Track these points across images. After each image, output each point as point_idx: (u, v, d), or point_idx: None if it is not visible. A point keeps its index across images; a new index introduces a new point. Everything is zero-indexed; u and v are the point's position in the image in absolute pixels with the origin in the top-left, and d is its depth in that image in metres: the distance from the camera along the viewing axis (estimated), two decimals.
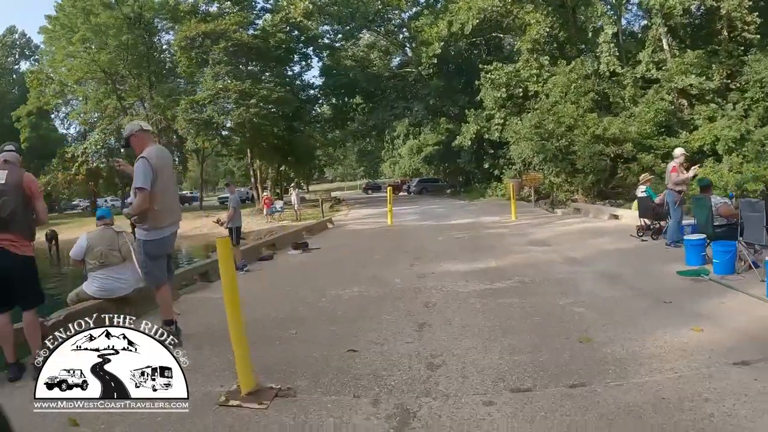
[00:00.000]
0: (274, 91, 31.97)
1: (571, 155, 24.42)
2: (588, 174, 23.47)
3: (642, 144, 24.11)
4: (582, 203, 22.56)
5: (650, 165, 22.75)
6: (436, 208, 27.09)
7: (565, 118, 24.71)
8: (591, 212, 16.75)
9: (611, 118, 24.47)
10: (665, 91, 24.85)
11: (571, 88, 25.98)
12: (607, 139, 23.90)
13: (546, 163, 24.66)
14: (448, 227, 16.36)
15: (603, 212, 15.82)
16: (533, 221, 16.58)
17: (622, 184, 24.16)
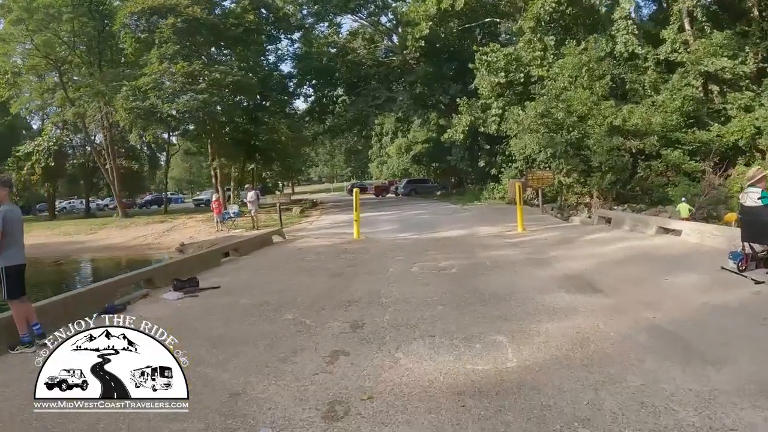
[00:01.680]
0: (229, 74, 28.60)
1: (584, 150, 21.95)
2: (605, 173, 21.00)
3: (667, 138, 21.85)
4: (603, 209, 19.75)
5: (679, 163, 20.71)
6: (422, 214, 24.31)
7: (577, 106, 22.39)
8: (625, 223, 13.66)
9: (632, 106, 22.01)
10: (692, 75, 22.22)
11: (583, 71, 23.11)
12: (627, 131, 21.61)
13: (554, 160, 22.05)
14: (432, 245, 12.97)
15: (644, 223, 12.77)
16: (548, 235, 13.60)
17: (642, 185, 21.99)
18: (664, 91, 23.08)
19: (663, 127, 21.70)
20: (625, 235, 12.49)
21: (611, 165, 21.01)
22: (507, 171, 26.30)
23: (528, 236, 13.71)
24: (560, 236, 13.16)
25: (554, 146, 21.73)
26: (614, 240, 11.71)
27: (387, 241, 14.77)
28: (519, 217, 15.04)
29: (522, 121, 23.18)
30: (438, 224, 18.68)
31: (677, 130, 21.75)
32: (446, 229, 16.85)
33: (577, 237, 12.88)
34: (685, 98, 22.06)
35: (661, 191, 20.99)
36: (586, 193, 22.17)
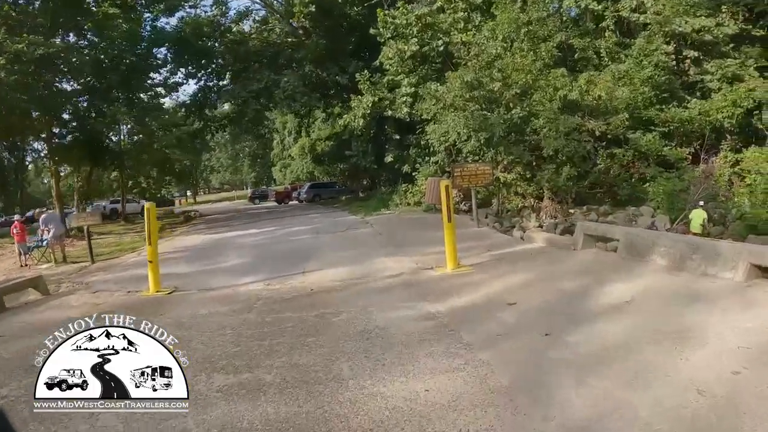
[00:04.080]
0: (39, 45, 21.33)
1: (531, 134, 17.75)
2: (562, 164, 16.84)
3: (635, 117, 18.27)
4: (554, 212, 15.23)
5: (653, 149, 17.56)
6: (306, 231, 18.97)
7: (517, 76, 17.95)
8: (653, 252, 8.86)
9: (592, 73, 18.66)
10: (661, 38, 18.81)
11: (521, 33, 19.11)
12: (587, 108, 17.74)
13: (489, 149, 17.43)
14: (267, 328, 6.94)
15: (708, 256, 7.78)
16: (515, 281, 8.65)
17: (602, 181, 18.11)
18: (627, 58, 19.64)
19: (630, 103, 17.99)
20: (692, 285, 7.29)
21: (570, 153, 16.70)
22: (423, 167, 21.12)
23: (473, 288, 8.21)
24: (545, 290, 7.78)
25: (489, 129, 16.78)
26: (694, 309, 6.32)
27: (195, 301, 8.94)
28: (448, 243, 9.65)
29: (442, 97, 18.17)
30: (317, 253, 13.34)
31: (650, 106, 18.30)
32: (325, 265, 11.39)
33: (586, 294, 7.36)
34: (657, 66, 18.68)
35: (629, 187, 17.59)
36: (534, 193, 17.63)
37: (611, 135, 17.62)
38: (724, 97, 18.07)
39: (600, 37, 20.40)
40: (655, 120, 18.09)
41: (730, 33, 19.27)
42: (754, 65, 18.81)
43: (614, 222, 16.81)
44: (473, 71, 18.35)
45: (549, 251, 10.83)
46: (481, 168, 16.14)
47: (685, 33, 19.14)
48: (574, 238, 10.84)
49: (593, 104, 17.85)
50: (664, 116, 18.10)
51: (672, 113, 18.14)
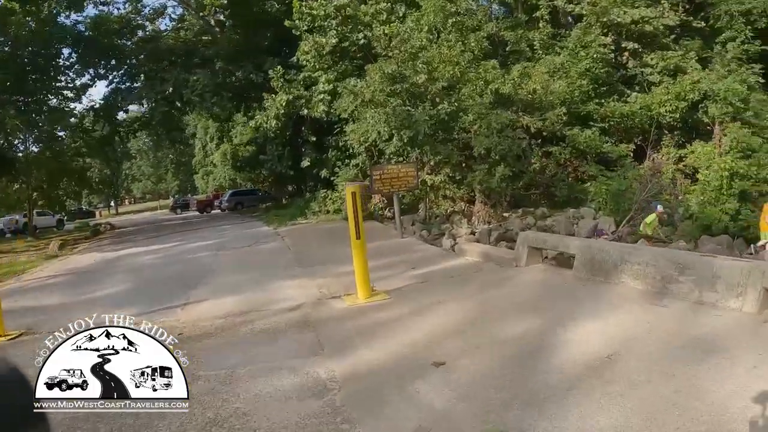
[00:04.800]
0: None
1: (460, 132, 16.44)
2: (495, 164, 15.53)
3: (575, 112, 17.44)
4: (487, 217, 13.67)
5: (593, 147, 16.66)
6: (208, 246, 16.83)
7: (444, 69, 16.78)
8: (623, 270, 7.20)
9: (527, 64, 17.89)
10: (599, 29, 18.13)
11: (448, 24, 18.29)
12: (521, 103, 16.73)
13: (414, 149, 16.24)
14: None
15: (706, 279, 6.04)
16: (444, 323, 6.42)
17: (539, 181, 17.18)
18: (563, 50, 19.01)
19: (567, 97, 17.19)
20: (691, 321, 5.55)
21: (503, 152, 15.39)
22: (343, 171, 19.34)
23: (387, 331, 6.18)
24: (485, 336, 5.62)
25: (413, 127, 15.20)
26: None
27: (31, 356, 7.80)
28: (358, 266, 7.71)
29: (361, 92, 16.43)
30: (211, 276, 11.29)
31: (588, 101, 17.50)
32: (213, 293, 9.41)
33: (543, 344, 5.13)
34: (595, 58, 17.91)
35: (567, 187, 16.65)
36: (465, 196, 16.34)
37: (547, 131, 16.61)
38: (666, 90, 17.46)
39: (534, 29, 19.47)
40: (593, 115, 17.34)
41: (671, 25, 18.81)
42: (696, 57, 18.27)
43: (553, 226, 15.62)
44: (396, 63, 16.79)
45: (486, 268, 9.10)
46: (403, 170, 14.49)
47: (623, 24, 18.52)
48: (517, 252, 9.05)
49: (528, 98, 16.87)
50: (604, 111, 17.37)
51: (612, 108, 17.44)
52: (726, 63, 18.05)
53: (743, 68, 17.84)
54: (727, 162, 14.74)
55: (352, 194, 7.62)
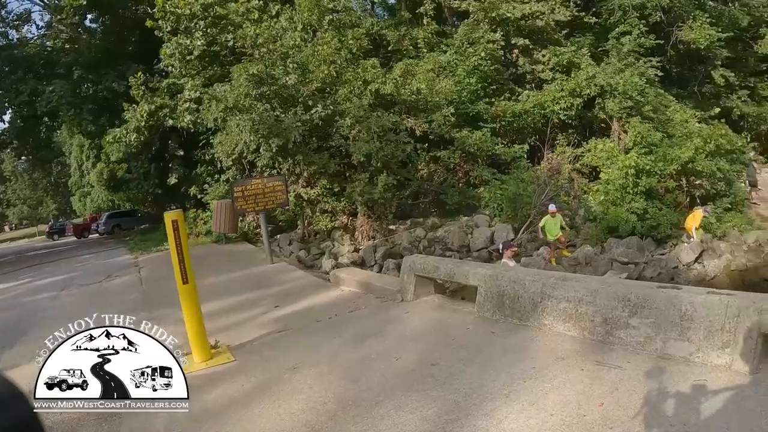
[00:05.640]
0: None
1: (337, 138, 15.15)
2: (377, 172, 14.62)
3: (463, 113, 16.86)
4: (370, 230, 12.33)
5: (484, 149, 15.95)
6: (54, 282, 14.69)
7: (319, 67, 15.81)
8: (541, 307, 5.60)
9: (410, 62, 17.21)
10: (487, 25, 17.94)
11: (325, 22, 17.49)
12: (404, 104, 15.88)
13: (287, 159, 14.98)
14: None
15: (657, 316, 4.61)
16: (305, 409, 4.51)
17: (427, 188, 16.43)
18: (449, 48, 18.46)
19: (455, 97, 16.55)
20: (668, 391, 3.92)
21: (385, 158, 14.38)
22: (213, 188, 17.62)
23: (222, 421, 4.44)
24: None
25: (283, 134, 13.70)
26: None
27: None
28: (188, 319, 5.85)
29: (225, 98, 14.77)
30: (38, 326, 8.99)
31: (477, 100, 17.00)
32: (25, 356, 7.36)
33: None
34: (483, 56, 17.34)
35: (458, 194, 15.86)
36: (346, 209, 15.26)
37: (435, 134, 15.91)
38: (560, 86, 17.13)
39: (418, 27, 18.50)
40: (484, 115, 16.75)
41: (562, 20, 18.57)
42: (589, 53, 18.13)
43: (445, 237, 14.69)
44: (263, 63, 15.36)
45: (364, 305, 7.54)
46: (270, 184, 12.96)
47: (513, 19, 18.07)
48: (402, 282, 7.48)
49: (412, 99, 16.04)
50: (494, 110, 16.81)
51: (503, 107, 16.92)
52: (623, 57, 18.02)
53: (641, 61, 17.87)
54: (632, 158, 14.41)
55: (172, 223, 5.88)
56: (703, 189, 15.52)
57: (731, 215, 15.01)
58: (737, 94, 21.31)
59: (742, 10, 22.05)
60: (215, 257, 14.24)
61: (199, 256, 15.11)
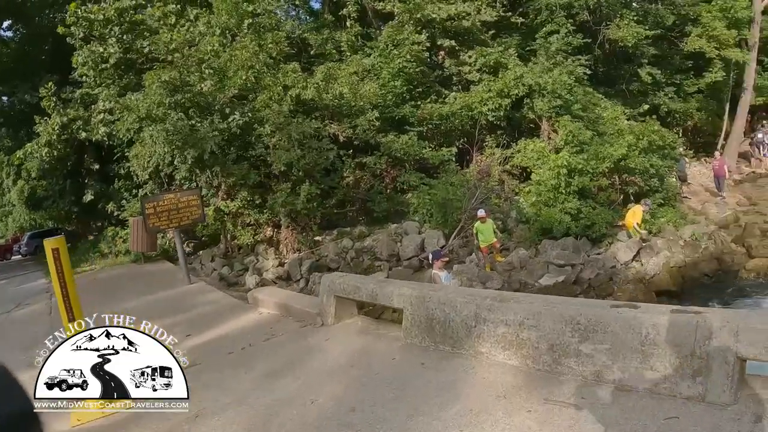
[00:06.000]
0: None
1: (257, 147, 14.83)
2: (299, 181, 14.25)
3: (389, 117, 16.67)
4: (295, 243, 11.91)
5: (411, 153, 15.80)
6: None
7: (237, 72, 15.31)
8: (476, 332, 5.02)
9: (332, 65, 16.84)
10: (412, 26, 17.84)
11: (245, 26, 17.07)
12: (327, 109, 15.64)
13: (204, 171, 14.49)
14: None
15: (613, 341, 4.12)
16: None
17: (353, 196, 16.15)
18: (374, 51, 18.26)
19: (380, 101, 16.40)
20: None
21: (307, 167, 14.11)
22: (131, 204, 17.00)
23: None
24: None
25: (199, 144, 13.17)
26: None
27: None
28: None
29: (138, 107, 14.15)
30: None
31: (403, 103, 16.87)
32: None
33: None
34: (408, 58, 17.14)
35: (386, 200, 15.63)
36: (270, 221, 14.79)
37: (359, 140, 15.65)
38: (487, 87, 17.09)
39: (341, 29, 18.22)
40: (410, 118, 16.58)
41: (488, 21, 18.68)
42: (516, 53, 18.23)
43: (374, 246, 14.36)
44: (177, 70, 14.84)
45: (282, 331, 7.06)
46: (184, 199, 12.37)
47: (438, 20, 18.06)
48: (321, 304, 6.97)
49: (335, 104, 15.74)
50: (421, 113, 16.70)
51: (429, 109, 16.81)
52: (551, 56, 18.17)
53: (569, 60, 18.03)
54: (564, 158, 14.35)
55: (53, 252, 5.22)
56: (636, 186, 15.65)
57: (665, 210, 15.16)
58: (664, 91, 21.92)
59: (667, 8, 22.64)
60: (130, 279, 13.62)
61: (114, 278, 14.45)
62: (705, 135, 24.45)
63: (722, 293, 12.63)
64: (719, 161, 19.21)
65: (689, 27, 22.14)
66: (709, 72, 21.90)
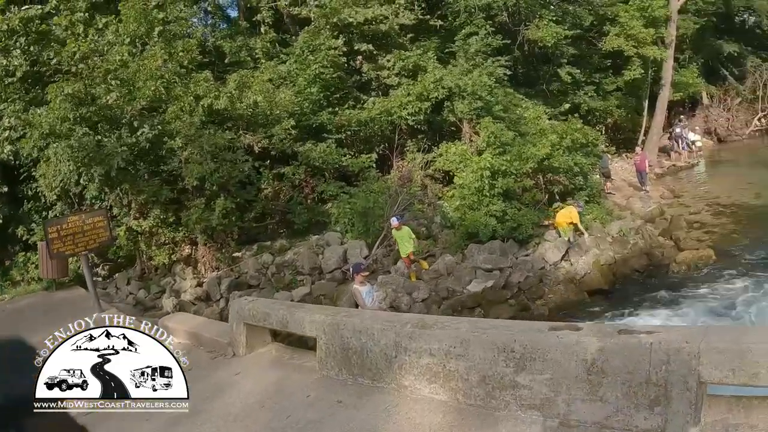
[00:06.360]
0: None
1: (167, 162, 14.48)
2: (213, 196, 13.96)
3: (306, 125, 16.63)
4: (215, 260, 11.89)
5: (329, 162, 15.81)
6: None
7: (147, 84, 14.87)
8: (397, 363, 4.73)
9: (244, 72, 16.64)
10: (329, 31, 17.88)
11: (155, 33, 16.54)
12: (245, 119, 15.51)
13: (113, 189, 14.20)
14: None
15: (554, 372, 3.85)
16: None
17: (273, 209, 15.86)
18: (290, 57, 18.14)
19: (296, 108, 16.25)
20: None
21: (222, 180, 13.88)
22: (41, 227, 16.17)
23: None
24: None
25: (105, 161, 12.79)
26: None
27: None
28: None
29: (40, 123, 13.64)
30: None
31: (321, 110, 16.77)
32: None
33: None
34: (324, 63, 17.09)
35: (306, 211, 15.40)
36: (187, 240, 14.45)
37: (276, 150, 15.46)
38: (406, 91, 17.21)
39: (255, 35, 18.08)
40: (328, 126, 16.51)
41: (407, 24, 18.69)
42: (435, 56, 18.44)
43: (295, 260, 14.20)
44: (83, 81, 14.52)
45: (192, 366, 6.22)
46: (90, 221, 11.77)
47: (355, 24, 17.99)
48: (232, 333, 6.72)
49: (249, 113, 15.48)
50: (339, 120, 16.64)
51: (347, 116, 16.79)
52: (470, 57, 18.38)
53: (489, 61, 18.25)
54: (487, 160, 14.36)
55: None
56: (561, 185, 16.02)
57: (590, 208, 15.43)
58: (584, 90, 22.65)
59: (585, 9, 23.41)
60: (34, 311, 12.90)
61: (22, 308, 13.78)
62: (625, 131, 25.48)
63: (654, 288, 12.87)
64: (640, 156, 19.91)
65: (607, 27, 23.00)
66: (628, 70, 22.85)
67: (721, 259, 13.73)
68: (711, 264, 13.53)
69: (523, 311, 12.08)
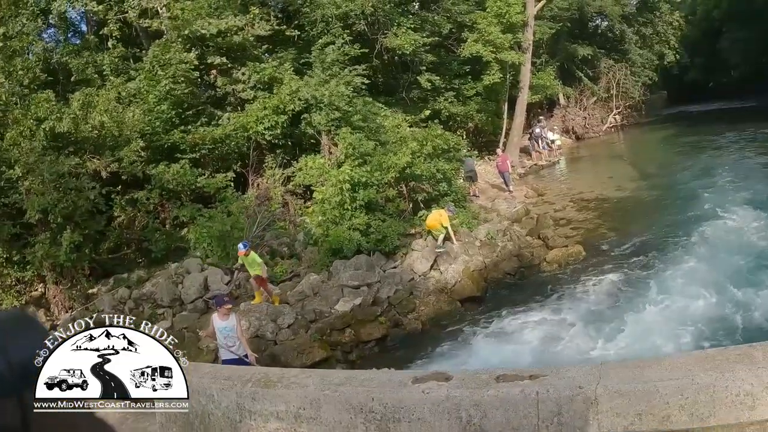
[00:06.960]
0: None
1: (8, 192, 13.88)
2: (60, 229, 13.21)
3: (158, 145, 16.53)
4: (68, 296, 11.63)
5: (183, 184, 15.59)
6: None
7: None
8: None
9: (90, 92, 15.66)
10: (181, 44, 17.78)
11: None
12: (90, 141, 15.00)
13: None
14: None
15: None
16: None
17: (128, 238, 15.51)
18: (139, 73, 17.79)
19: (147, 128, 16.06)
20: None
21: (67, 211, 13.33)
22: None
23: None
24: None
25: None
26: None
27: None
28: None
29: None
30: None
31: (173, 129, 16.63)
32: None
33: None
34: (176, 79, 16.89)
35: (164, 238, 15.25)
36: (36, 279, 14.08)
37: (127, 174, 15.02)
38: (262, 105, 17.26)
39: (103, 50, 17.86)
40: (181, 145, 16.31)
41: (262, 35, 18.88)
42: (292, 67, 18.61)
43: (154, 293, 13.81)
44: None
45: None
46: None
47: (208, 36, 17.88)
48: None
49: (95, 135, 14.97)
50: (192, 138, 16.49)
51: (201, 133, 16.68)
52: (327, 67, 18.56)
53: (346, 70, 18.47)
54: (346, 172, 14.48)
55: None
56: (425, 192, 16.46)
57: (457, 212, 15.63)
58: (444, 96, 23.65)
59: (444, 16, 24.55)
60: None
61: None
62: (486, 135, 26.97)
63: (527, 290, 13.41)
64: (501, 157, 21.13)
65: (466, 33, 24.26)
66: (487, 75, 24.15)
67: (590, 254, 14.49)
68: (581, 260, 14.25)
69: (396, 327, 12.17)
